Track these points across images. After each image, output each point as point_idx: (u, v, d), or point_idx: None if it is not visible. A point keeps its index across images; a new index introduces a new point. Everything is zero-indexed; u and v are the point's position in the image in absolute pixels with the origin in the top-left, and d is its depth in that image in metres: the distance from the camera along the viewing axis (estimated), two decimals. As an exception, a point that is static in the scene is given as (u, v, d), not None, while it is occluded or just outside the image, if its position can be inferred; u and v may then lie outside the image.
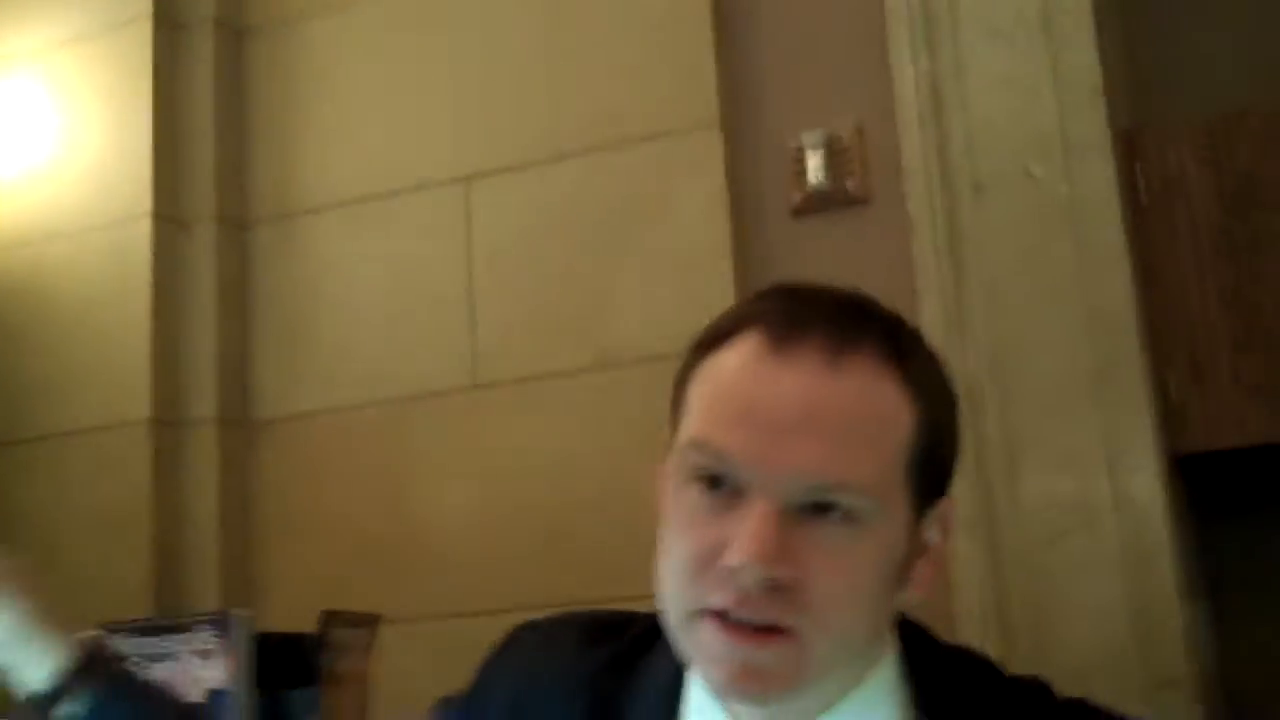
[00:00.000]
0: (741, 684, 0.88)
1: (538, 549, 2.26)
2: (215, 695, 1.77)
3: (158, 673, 1.80)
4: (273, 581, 2.45)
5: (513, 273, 2.43)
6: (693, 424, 0.93)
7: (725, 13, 2.41)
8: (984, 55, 2.22)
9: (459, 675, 2.30)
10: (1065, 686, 1.94)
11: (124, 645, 1.87)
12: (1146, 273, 2.13)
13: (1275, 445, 2.06)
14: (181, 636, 1.83)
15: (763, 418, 0.88)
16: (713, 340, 0.96)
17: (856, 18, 2.33)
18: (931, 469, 0.94)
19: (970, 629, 2.00)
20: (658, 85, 2.38)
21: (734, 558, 0.85)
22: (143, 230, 2.53)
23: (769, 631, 0.86)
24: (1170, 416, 2.07)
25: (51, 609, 1.23)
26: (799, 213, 2.33)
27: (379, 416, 2.45)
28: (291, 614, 2.14)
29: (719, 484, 0.89)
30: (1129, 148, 2.18)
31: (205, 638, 1.82)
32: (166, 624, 1.88)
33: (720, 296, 2.27)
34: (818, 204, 2.31)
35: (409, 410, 2.43)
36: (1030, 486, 2.04)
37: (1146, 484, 1.98)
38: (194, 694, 1.77)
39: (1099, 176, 2.11)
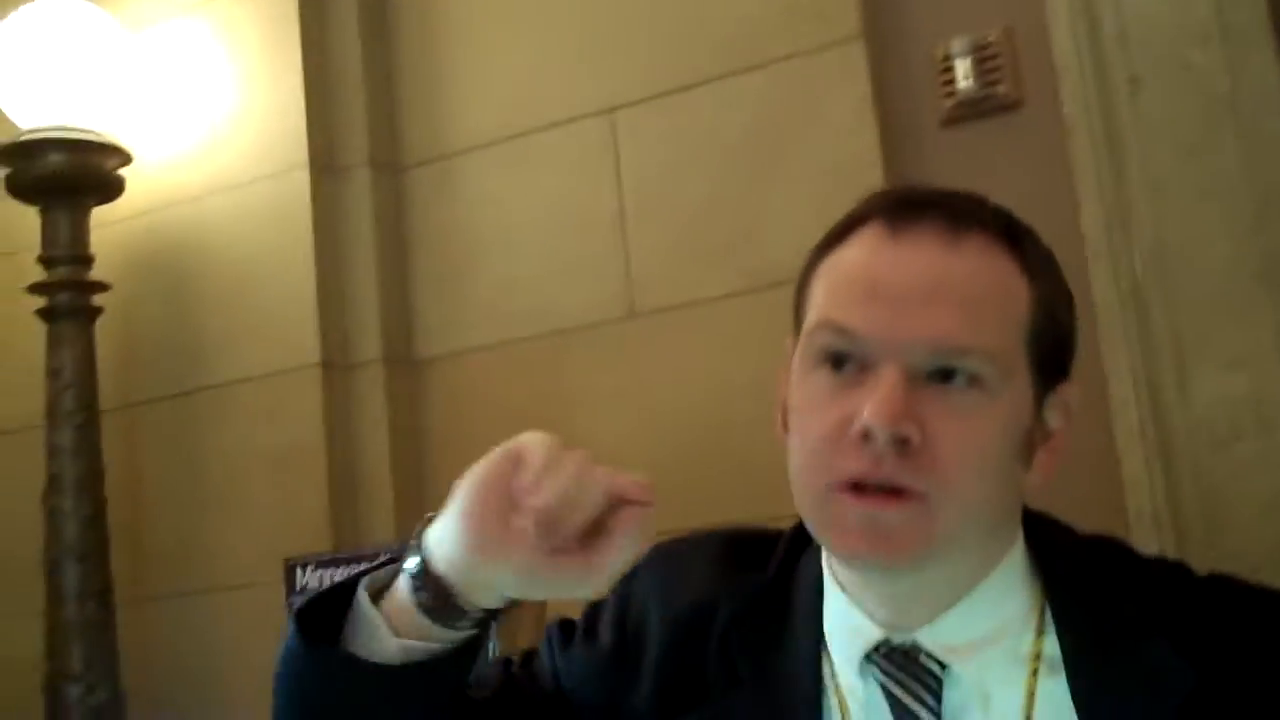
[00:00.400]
0: (871, 545, 0.90)
1: (697, 472, 2.28)
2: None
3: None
4: (446, 512, 2.52)
5: (662, 201, 2.44)
6: (818, 311, 0.97)
7: (865, -77, 2.37)
8: (1135, -55, 2.14)
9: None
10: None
11: (310, 578, 1.95)
12: (1316, 161, 2.05)
13: None
14: (364, 567, 1.90)
15: (886, 293, 0.91)
16: (830, 240, 1.01)
17: (998, -83, 2.27)
18: (1051, 348, 0.96)
19: (1143, 530, 1.97)
20: (796, 1, 2.36)
21: (864, 421, 0.88)
22: (301, 180, 2.60)
23: (898, 493, 0.89)
24: (1346, 306, 2.00)
25: None
26: (949, 122, 2.29)
27: (539, 350, 2.49)
28: (466, 544, 2.20)
29: (845, 363, 0.93)
30: (1292, 31, 2.09)
31: (386, 569, 1.88)
32: (350, 556, 1.95)
33: (872, 211, 2.25)
34: (968, 112, 2.27)
35: (567, 342, 2.47)
36: (1201, 386, 1.99)
37: (1323, 377, 1.93)
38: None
39: (1260, 64, 2.04)
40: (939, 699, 0.93)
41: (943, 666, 0.94)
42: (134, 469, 2.67)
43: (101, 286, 2.61)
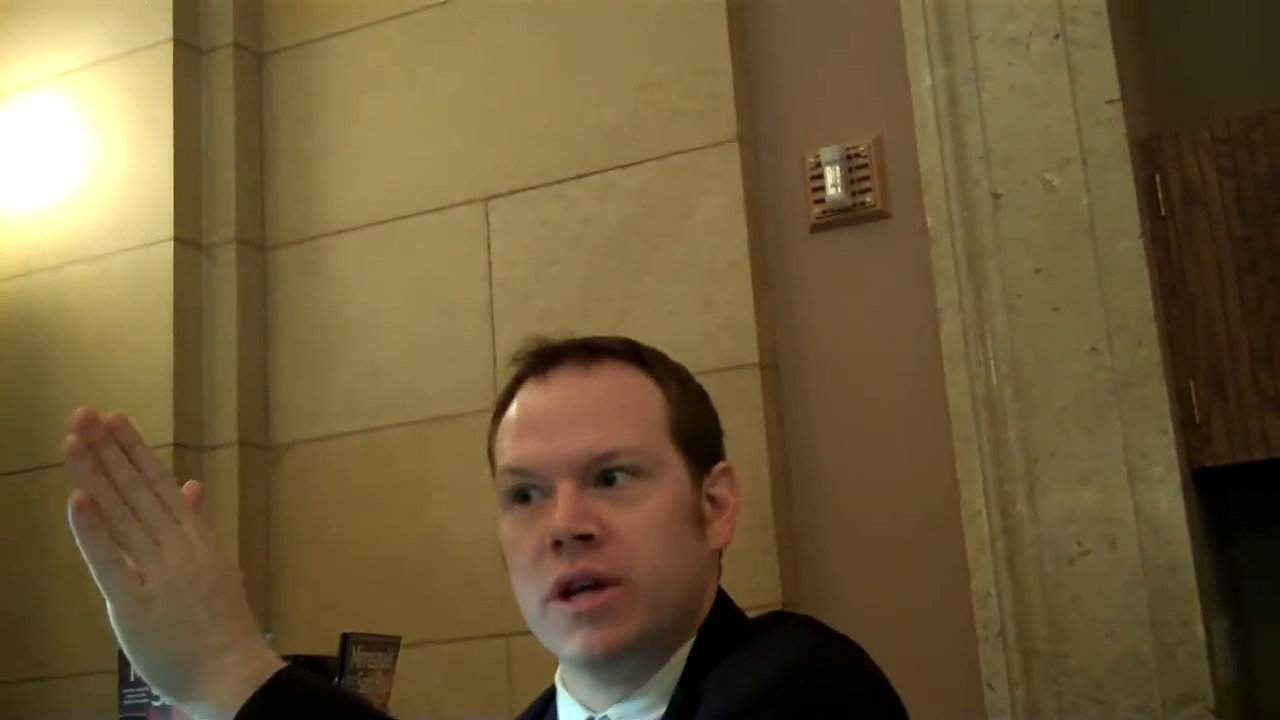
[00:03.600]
0: (589, 641, 1.05)
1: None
2: (235, 719, 1.78)
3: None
4: (294, 604, 2.46)
5: (533, 292, 2.43)
6: (497, 463, 1.14)
7: (742, 29, 2.41)
8: (1001, 65, 2.20)
9: (480, 696, 2.30)
10: (1084, 702, 1.93)
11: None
12: (1167, 284, 2.10)
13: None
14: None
15: (542, 428, 1.10)
16: (499, 408, 1.17)
17: (873, 31, 2.33)
18: (694, 437, 1.14)
19: (990, 645, 1.99)
20: (676, 102, 2.38)
21: (551, 532, 1.05)
22: (164, 255, 2.55)
23: (598, 586, 1.05)
24: (1192, 429, 2.05)
25: None
26: (818, 227, 2.32)
27: (400, 438, 2.46)
28: (313, 636, 2.15)
29: (529, 496, 1.10)
30: (1147, 157, 2.16)
31: (227, 661, 1.82)
32: (187, 648, 1.88)
33: (739, 312, 2.27)
34: (836, 218, 2.31)
35: (430, 432, 2.44)
36: (1051, 500, 2.02)
37: (1168, 497, 1.96)
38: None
39: (1117, 186, 2.09)
40: None
41: None
42: (-28, 546, 2.57)
43: (-50, 355, 2.53)
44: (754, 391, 2.23)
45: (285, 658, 1.80)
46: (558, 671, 1.16)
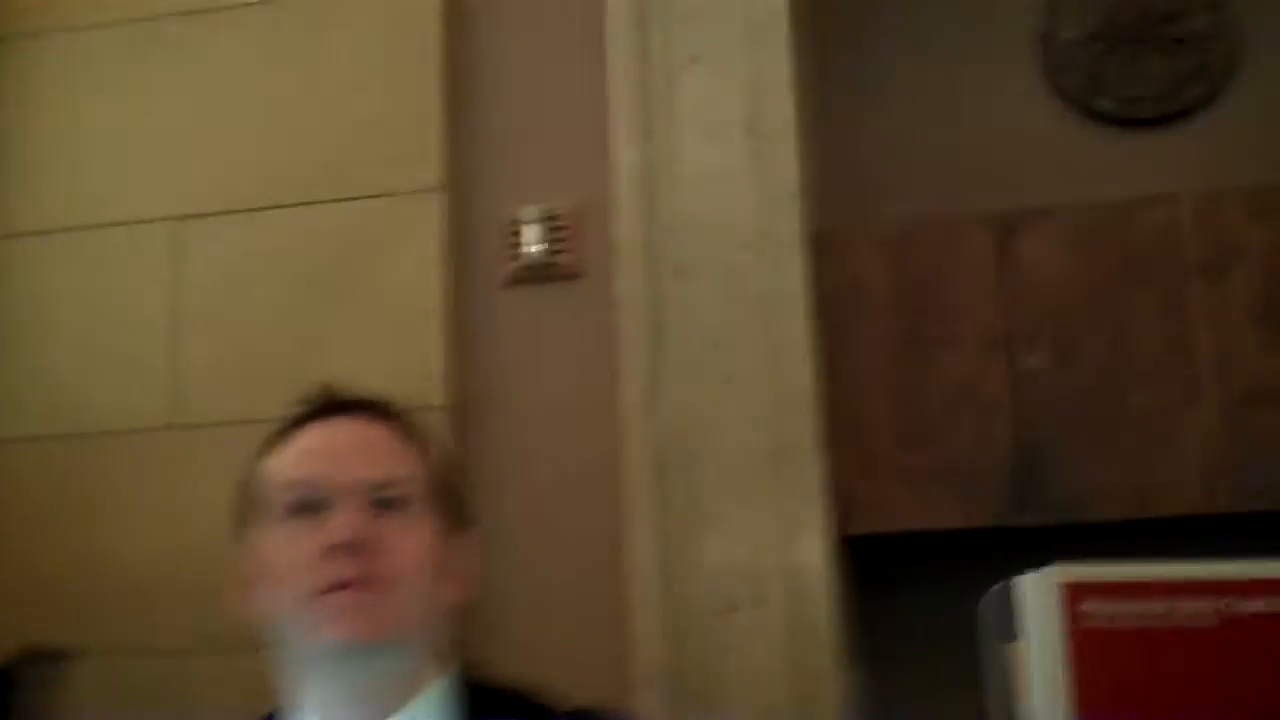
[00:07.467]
0: (359, 622, 1.10)
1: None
2: None
3: None
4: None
5: (221, 315, 2.42)
6: (272, 481, 1.17)
7: (457, 81, 2.48)
8: (695, 149, 2.34)
9: (147, 711, 2.25)
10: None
11: None
12: (827, 366, 2.28)
13: (933, 531, 2.24)
14: None
15: (325, 453, 1.17)
16: (271, 442, 1.21)
17: (583, 101, 2.43)
18: (448, 498, 1.22)
19: (648, 690, 2.09)
20: (384, 144, 2.42)
21: (333, 537, 1.11)
22: None
23: (369, 583, 1.11)
24: (839, 499, 2.22)
25: None
26: (512, 282, 2.40)
27: (70, 449, 2.39)
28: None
29: (304, 512, 1.14)
30: (819, 248, 2.34)
31: None
32: None
33: (429, 356, 2.32)
34: (531, 275, 2.39)
35: (102, 445, 2.38)
36: (708, 554, 2.15)
37: (813, 559, 2.13)
38: None
39: (791, 272, 2.26)
40: None
41: None
42: None
43: None
44: (437, 433, 2.28)
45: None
46: (291, 695, 1.16)
